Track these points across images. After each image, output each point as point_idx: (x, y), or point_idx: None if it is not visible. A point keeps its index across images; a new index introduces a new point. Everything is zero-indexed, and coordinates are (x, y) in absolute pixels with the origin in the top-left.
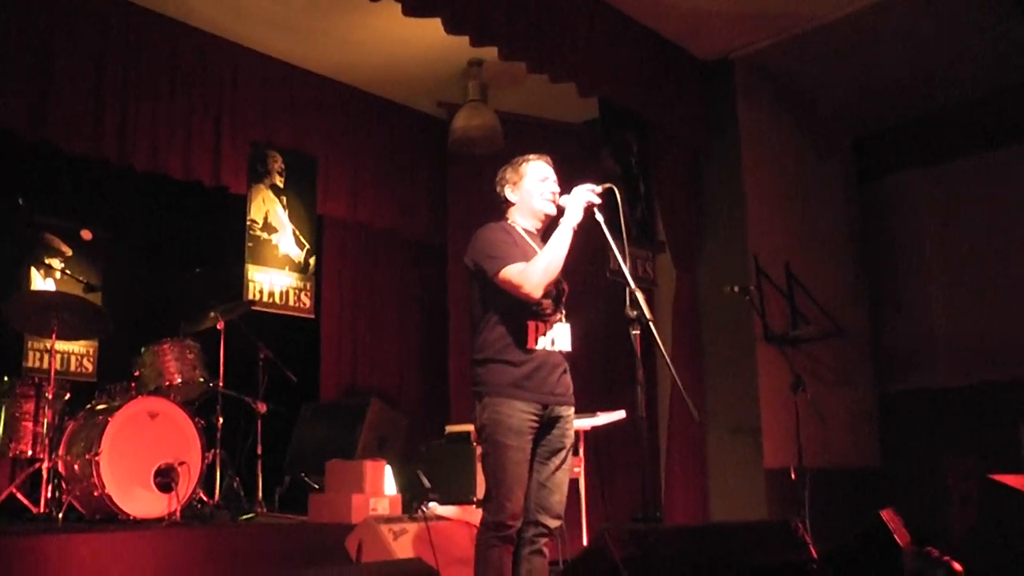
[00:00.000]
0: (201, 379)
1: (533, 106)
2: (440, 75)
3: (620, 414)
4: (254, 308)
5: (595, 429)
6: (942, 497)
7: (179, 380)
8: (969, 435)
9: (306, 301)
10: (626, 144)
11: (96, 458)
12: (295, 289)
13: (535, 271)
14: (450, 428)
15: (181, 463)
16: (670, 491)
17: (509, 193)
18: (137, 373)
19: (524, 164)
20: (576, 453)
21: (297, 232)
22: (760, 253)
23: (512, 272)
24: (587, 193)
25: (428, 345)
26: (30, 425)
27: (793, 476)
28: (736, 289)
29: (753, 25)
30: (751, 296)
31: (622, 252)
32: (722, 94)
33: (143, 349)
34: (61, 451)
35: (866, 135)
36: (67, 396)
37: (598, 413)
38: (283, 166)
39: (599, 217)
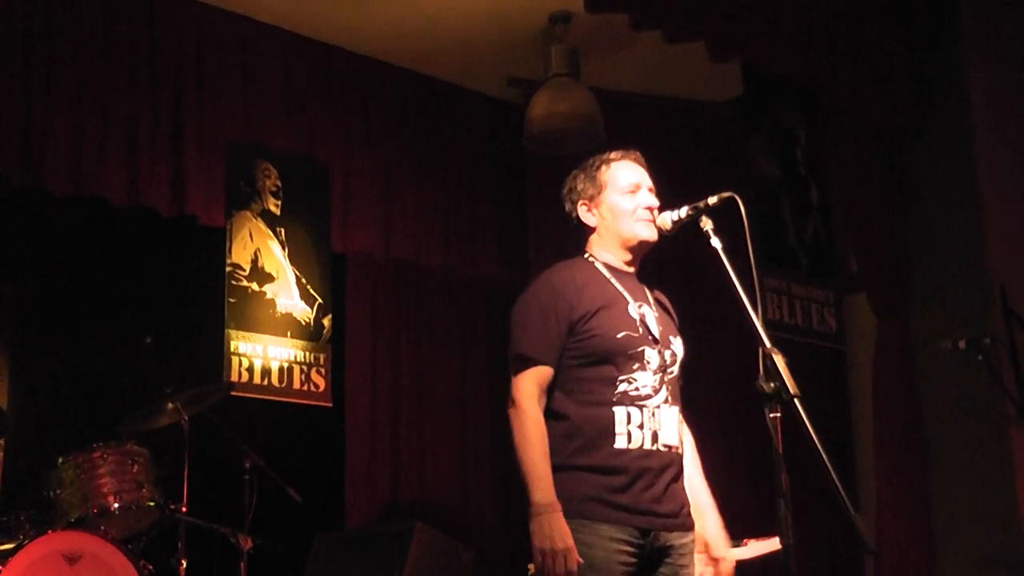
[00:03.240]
0: (151, 502)
1: (644, 80)
2: (510, 39)
3: (776, 543)
4: (237, 394)
5: (741, 566)
6: None
7: (116, 505)
8: None
9: (319, 382)
10: (787, 132)
11: None
12: (303, 365)
13: (520, 423)
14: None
15: None
16: None
17: (584, 214)
18: (52, 496)
19: (602, 169)
20: None
21: (303, 280)
22: (1009, 283)
23: (518, 383)
24: (549, 550)
25: (506, 441)
26: None
27: None
28: (962, 345)
29: None
30: (990, 352)
31: (750, 295)
32: (940, 43)
33: (60, 460)
34: None
35: None
36: None
37: (746, 541)
38: (279, 183)
39: (716, 244)
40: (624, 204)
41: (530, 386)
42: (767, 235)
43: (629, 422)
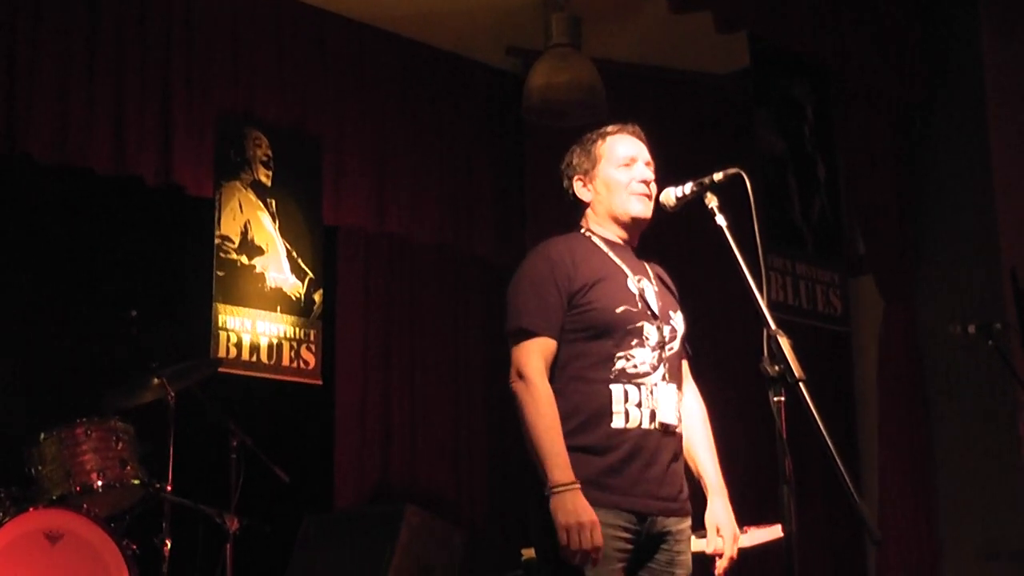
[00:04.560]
0: (136, 480)
1: (648, 51)
2: (510, 6)
3: (778, 531)
4: (224, 371)
5: (741, 554)
6: None
7: (100, 483)
8: None
9: (309, 359)
10: (795, 107)
11: None
12: (292, 341)
13: (524, 395)
14: (530, 551)
15: None
16: None
17: (579, 189)
18: (33, 472)
19: (598, 143)
20: None
21: (294, 254)
22: (1021, 266)
23: (520, 351)
24: (576, 532)
25: (500, 421)
26: None
27: None
28: (972, 329)
29: None
30: (1001, 337)
31: (755, 274)
32: (954, 16)
33: (42, 436)
34: None
35: None
36: None
37: (746, 529)
38: (270, 153)
39: (721, 221)
40: (619, 176)
41: (536, 360)
42: (772, 213)
43: (627, 400)
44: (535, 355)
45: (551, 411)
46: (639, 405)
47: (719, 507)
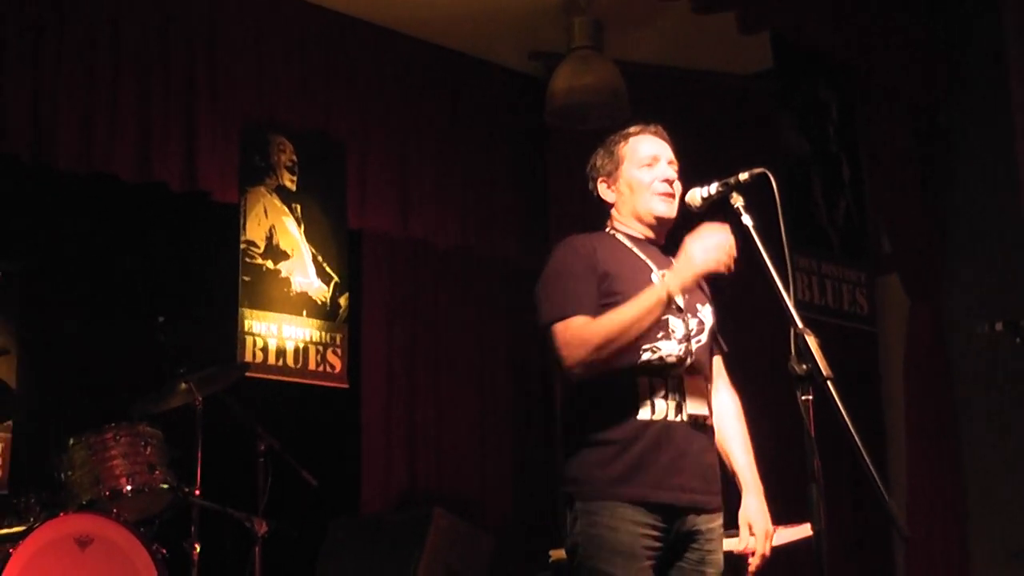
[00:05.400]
0: (164, 485)
1: (671, 53)
2: (532, 10)
3: (807, 529)
4: (251, 375)
5: (772, 553)
6: None
7: (129, 488)
8: None
9: (335, 363)
10: (819, 107)
11: None
12: (318, 345)
13: (587, 342)
14: (558, 553)
15: None
16: None
17: (604, 191)
18: (63, 477)
19: (621, 144)
20: None
21: (319, 258)
22: None
23: (559, 331)
24: (717, 263)
25: (525, 424)
26: None
27: None
28: (999, 327)
29: None
30: None
31: (783, 275)
32: (978, 15)
33: (71, 441)
34: None
35: None
36: None
37: (775, 528)
38: (295, 158)
39: (747, 221)
40: (642, 177)
41: (572, 324)
42: (797, 213)
43: (653, 392)
44: (575, 328)
45: (603, 319)
46: (665, 397)
47: (753, 504)
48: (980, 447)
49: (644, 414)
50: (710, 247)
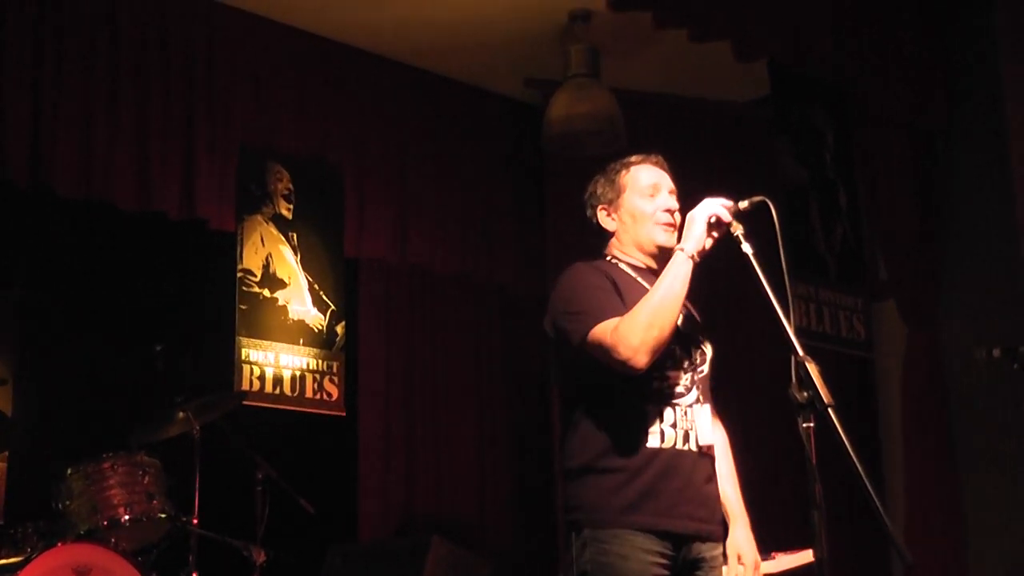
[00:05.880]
0: (163, 514)
1: (667, 80)
2: (528, 38)
3: (808, 556)
4: (248, 404)
5: None
6: None
7: (127, 517)
8: None
9: (332, 390)
10: (815, 134)
11: None
12: (315, 373)
13: (635, 325)
14: None
15: None
16: None
17: (604, 219)
18: (60, 507)
19: (622, 172)
20: None
21: (316, 286)
22: None
23: (603, 331)
24: (715, 206)
25: (524, 449)
26: None
27: None
28: (996, 353)
29: None
30: None
31: (782, 301)
32: (974, 41)
33: (69, 470)
34: None
35: None
36: None
37: (775, 555)
38: (291, 187)
39: (746, 248)
40: (644, 207)
41: (605, 326)
42: (794, 240)
43: (662, 420)
44: (615, 323)
45: (640, 302)
46: (674, 426)
47: (741, 535)
48: (978, 472)
49: (653, 442)
50: (705, 204)
